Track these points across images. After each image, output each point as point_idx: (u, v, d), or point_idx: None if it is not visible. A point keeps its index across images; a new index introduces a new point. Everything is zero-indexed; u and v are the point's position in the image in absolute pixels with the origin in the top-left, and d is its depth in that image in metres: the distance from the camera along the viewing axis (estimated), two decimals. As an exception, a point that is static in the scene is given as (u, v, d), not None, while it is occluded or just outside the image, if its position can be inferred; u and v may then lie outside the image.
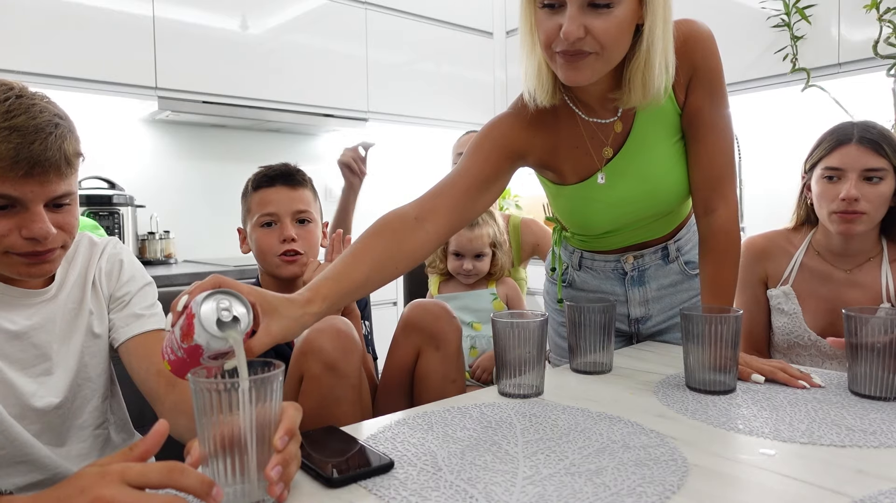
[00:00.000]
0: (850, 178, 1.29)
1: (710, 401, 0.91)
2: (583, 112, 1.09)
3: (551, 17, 0.93)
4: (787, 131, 2.66)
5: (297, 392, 1.06)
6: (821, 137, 1.37)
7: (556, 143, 1.11)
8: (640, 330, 1.31)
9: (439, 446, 0.76)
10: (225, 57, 2.55)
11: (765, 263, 1.46)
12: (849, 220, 1.30)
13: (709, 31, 1.06)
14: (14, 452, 0.87)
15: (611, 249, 1.25)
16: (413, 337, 1.21)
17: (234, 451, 0.60)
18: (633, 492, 0.62)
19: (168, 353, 0.68)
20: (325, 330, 1.04)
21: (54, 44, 2.17)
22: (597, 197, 1.13)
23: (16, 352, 0.89)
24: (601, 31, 0.91)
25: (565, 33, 0.90)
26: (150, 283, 1.05)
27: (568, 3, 0.90)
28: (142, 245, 2.60)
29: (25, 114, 0.80)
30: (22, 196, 0.81)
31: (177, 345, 0.66)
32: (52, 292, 0.94)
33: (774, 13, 2.36)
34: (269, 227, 1.32)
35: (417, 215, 0.98)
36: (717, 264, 1.11)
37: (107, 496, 0.52)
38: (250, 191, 1.36)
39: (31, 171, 0.80)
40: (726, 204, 1.11)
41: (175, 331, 0.67)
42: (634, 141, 1.10)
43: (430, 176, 3.82)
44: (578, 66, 0.94)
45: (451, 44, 3.30)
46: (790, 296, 1.40)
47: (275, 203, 1.32)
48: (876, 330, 0.90)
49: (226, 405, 0.59)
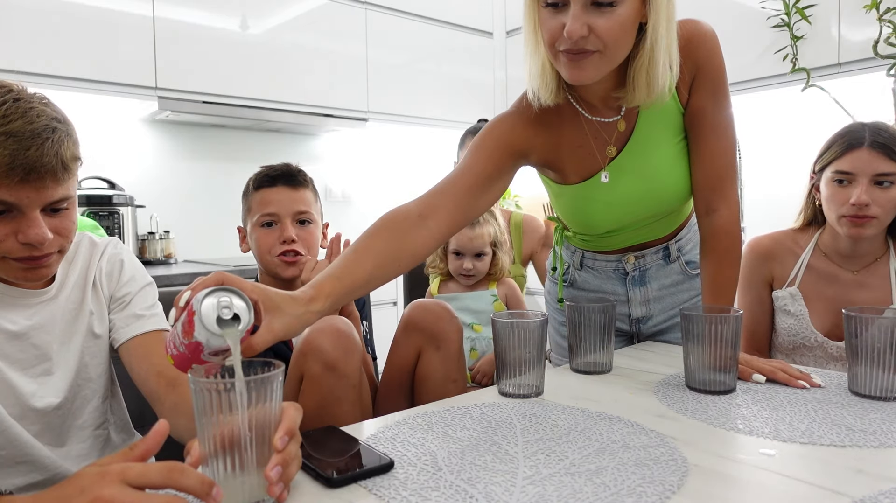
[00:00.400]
0: (860, 183, 1.28)
1: (710, 401, 0.91)
2: (586, 111, 1.10)
3: (555, 15, 0.93)
4: (788, 131, 2.66)
5: (297, 392, 1.06)
6: (831, 139, 1.36)
7: (559, 141, 1.11)
8: (640, 329, 1.31)
9: (439, 446, 0.76)
10: (225, 57, 2.55)
11: (770, 265, 1.45)
12: (858, 225, 1.29)
13: (712, 30, 1.07)
14: (14, 453, 0.87)
15: (612, 249, 1.25)
16: (414, 337, 1.22)
17: (234, 451, 0.60)
18: (633, 492, 0.62)
19: (171, 348, 0.68)
20: (325, 330, 1.04)
21: (54, 44, 2.17)
22: (599, 196, 1.13)
23: (16, 353, 0.89)
24: (604, 29, 0.91)
25: (569, 32, 0.91)
26: (150, 284, 1.05)
27: (571, 1, 0.91)
28: (142, 245, 2.60)
29: (22, 118, 0.79)
30: (18, 202, 0.80)
31: (178, 340, 0.67)
32: (52, 293, 0.94)
33: (774, 13, 2.36)
34: (269, 227, 1.32)
35: (420, 213, 0.98)
36: (718, 264, 1.11)
37: (106, 496, 0.52)
38: (251, 190, 1.36)
39: (28, 177, 0.79)
40: (728, 204, 1.11)
41: (177, 326, 0.67)
42: (638, 140, 1.10)
43: (429, 176, 3.83)
44: (582, 64, 0.95)
45: (451, 44, 3.30)
46: (797, 298, 1.40)
47: (275, 203, 1.32)
48: (877, 331, 0.90)
49: (225, 405, 0.59)
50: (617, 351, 1.21)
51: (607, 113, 1.09)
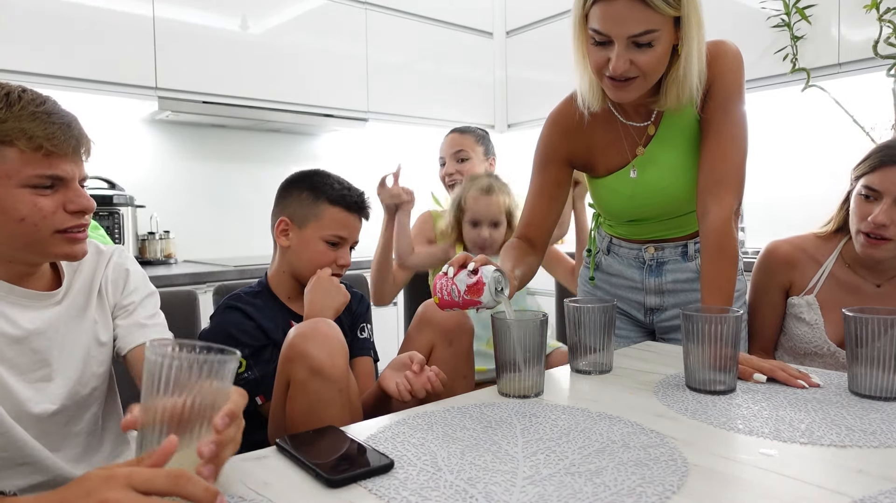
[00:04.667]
0: (884, 202, 1.23)
1: (710, 401, 0.91)
2: (622, 116, 1.25)
3: (601, 50, 1.09)
4: (788, 131, 2.66)
5: (285, 398, 1.06)
6: (871, 150, 1.31)
7: (593, 142, 1.28)
8: (654, 321, 1.37)
9: (439, 446, 0.76)
10: (225, 57, 2.55)
11: (790, 272, 1.41)
12: (872, 245, 1.26)
13: (735, 50, 1.21)
14: (15, 454, 0.87)
15: (635, 239, 1.36)
16: (427, 332, 1.24)
17: (175, 425, 0.60)
18: (633, 492, 0.62)
19: (443, 294, 0.99)
20: (308, 334, 1.03)
21: (54, 44, 2.17)
22: (622, 190, 1.28)
23: (15, 357, 0.89)
24: (644, 63, 1.08)
25: (614, 69, 1.07)
26: (153, 293, 1.07)
27: (615, 42, 1.06)
28: (142, 245, 2.60)
29: (47, 102, 0.85)
30: (65, 174, 0.86)
31: (457, 293, 0.97)
32: (59, 296, 0.94)
33: (774, 13, 2.36)
34: (333, 246, 1.33)
35: (531, 243, 1.30)
36: (711, 263, 1.13)
37: (112, 499, 0.52)
38: (326, 202, 1.33)
39: (77, 150, 0.87)
40: (720, 206, 1.15)
41: (458, 283, 0.97)
42: (658, 142, 1.24)
43: (429, 176, 3.82)
44: (625, 87, 1.11)
45: (451, 44, 3.30)
46: (813, 307, 1.37)
47: (349, 229, 1.35)
48: (877, 331, 0.90)
49: (175, 377, 0.59)
50: (617, 351, 1.21)
51: (638, 118, 1.24)
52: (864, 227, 1.26)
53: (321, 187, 1.34)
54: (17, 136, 0.81)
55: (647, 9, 1.02)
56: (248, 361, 1.21)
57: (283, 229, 1.35)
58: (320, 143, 3.24)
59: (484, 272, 0.95)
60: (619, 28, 1.04)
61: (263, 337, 1.25)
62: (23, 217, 0.83)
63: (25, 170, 0.83)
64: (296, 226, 1.34)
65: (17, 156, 0.82)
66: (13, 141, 0.81)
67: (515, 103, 3.49)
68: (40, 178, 0.84)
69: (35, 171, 0.83)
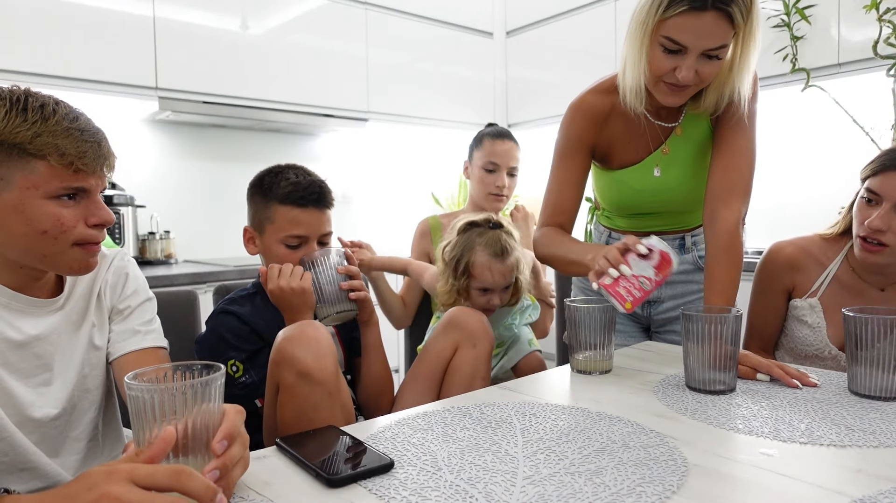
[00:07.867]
0: (883, 207, 1.21)
1: (710, 401, 0.91)
2: (652, 116, 1.29)
3: (669, 58, 1.10)
4: (788, 131, 2.66)
5: (276, 402, 1.05)
6: (878, 153, 1.28)
7: (615, 137, 1.31)
8: (651, 313, 1.42)
9: (439, 446, 0.76)
10: (225, 57, 2.55)
11: (793, 275, 1.39)
12: (868, 250, 1.24)
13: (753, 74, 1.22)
14: (16, 460, 0.87)
15: (634, 231, 1.36)
16: (453, 333, 1.26)
17: (175, 455, 0.60)
18: (633, 492, 0.62)
19: (632, 293, 1.00)
20: (295, 337, 1.02)
21: (54, 44, 2.17)
22: (632, 184, 1.32)
23: (18, 362, 0.89)
24: (707, 73, 1.11)
25: (683, 78, 1.10)
26: (151, 299, 1.06)
27: (689, 52, 1.08)
28: (142, 245, 2.60)
29: (81, 117, 0.87)
30: (89, 187, 0.87)
31: (648, 282, 1.01)
32: (60, 302, 0.94)
33: (774, 13, 2.36)
34: (294, 249, 1.26)
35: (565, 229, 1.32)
36: (719, 266, 1.15)
37: (114, 493, 0.52)
38: (276, 202, 1.25)
39: (103, 166, 0.88)
40: (730, 211, 1.18)
41: (643, 273, 1.00)
42: (683, 142, 1.29)
43: (429, 176, 3.81)
44: (680, 93, 1.16)
45: (451, 44, 3.30)
46: (816, 309, 1.35)
47: (306, 226, 1.25)
48: (876, 331, 0.90)
49: (160, 409, 0.59)
50: (617, 351, 1.22)
51: (668, 118, 1.29)
52: (863, 230, 1.24)
53: (270, 187, 1.26)
54: (49, 152, 0.81)
55: (729, 24, 1.06)
56: (245, 365, 1.20)
57: (249, 237, 1.31)
58: (320, 143, 3.24)
59: (654, 244, 1.03)
60: (700, 41, 1.06)
61: (259, 340, 1.23)
62: (45, 230, 0.84)
63: (53, 182, 0.83)
64: (258, 233, 1.28)
65: (46, 169, 0.82)
66: (46, 155, 0.81)
67: (515, 103, 3.49)
68: (65, 190, 0.84)
69: (62, 183, 0.83)
